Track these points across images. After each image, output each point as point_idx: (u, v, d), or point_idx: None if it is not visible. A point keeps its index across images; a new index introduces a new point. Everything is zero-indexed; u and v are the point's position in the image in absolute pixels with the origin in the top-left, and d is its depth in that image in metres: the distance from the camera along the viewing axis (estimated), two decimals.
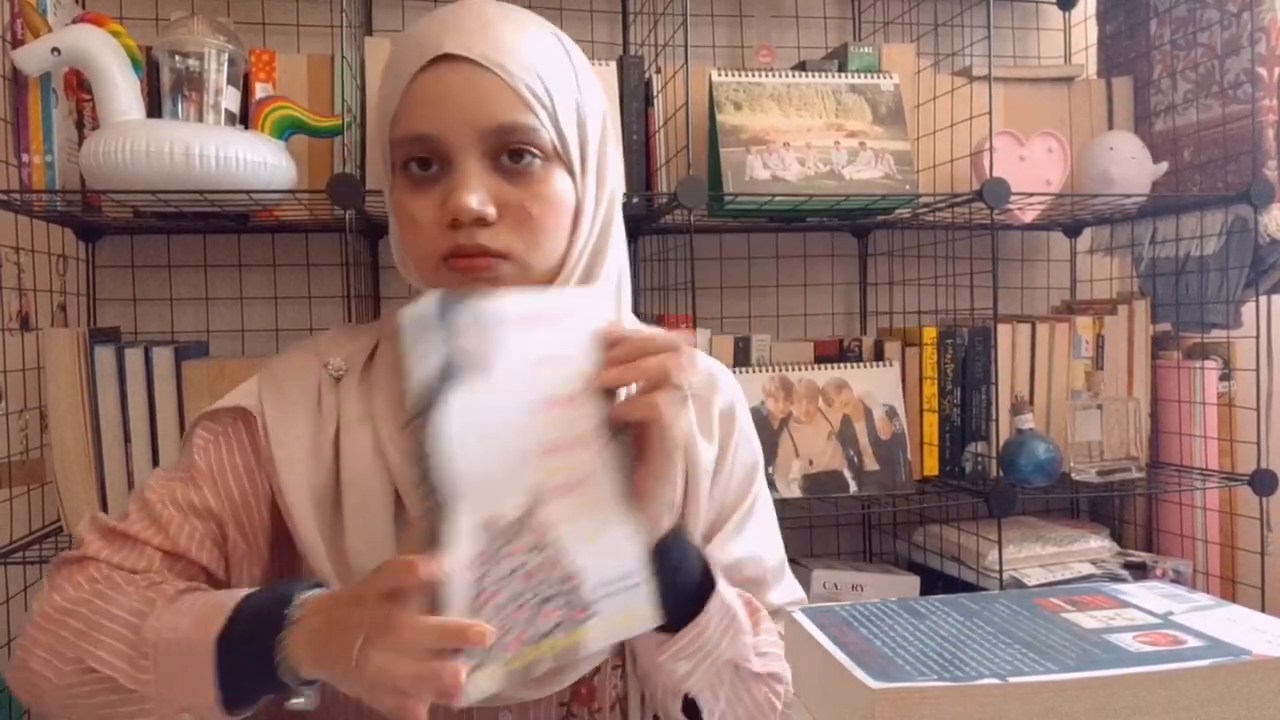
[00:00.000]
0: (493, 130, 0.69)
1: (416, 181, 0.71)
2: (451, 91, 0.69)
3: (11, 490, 1.43)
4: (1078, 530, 1.64)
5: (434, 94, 0.70)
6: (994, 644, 0.55)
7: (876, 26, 1.79)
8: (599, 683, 0.78)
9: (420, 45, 0.70)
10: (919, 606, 0.62)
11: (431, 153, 0.70)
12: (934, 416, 1.61)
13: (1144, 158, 1.59)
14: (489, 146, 0.70)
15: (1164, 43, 1.68)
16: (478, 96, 0.69)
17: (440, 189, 0.71)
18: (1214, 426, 1.64)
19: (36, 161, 1.22)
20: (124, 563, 0.74)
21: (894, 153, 1.47)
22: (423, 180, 0.71)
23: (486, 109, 0.69)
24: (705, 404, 0.84)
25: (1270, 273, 1.56)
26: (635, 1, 1.68)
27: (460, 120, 0.69)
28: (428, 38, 0.70)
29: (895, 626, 0.59)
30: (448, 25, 0.71)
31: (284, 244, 1.60)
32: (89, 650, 0.66)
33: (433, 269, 0.72)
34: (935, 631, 0.58)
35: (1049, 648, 0.54)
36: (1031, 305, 1.90)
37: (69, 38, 1.17)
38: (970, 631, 0.57)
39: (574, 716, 0.78)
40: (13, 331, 1.42)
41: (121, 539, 0.75)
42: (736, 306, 1.78)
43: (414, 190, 0.71)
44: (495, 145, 0.70)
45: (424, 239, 0.71)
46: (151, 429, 1.31)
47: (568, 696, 0.77)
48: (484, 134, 0.69)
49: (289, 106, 1.29)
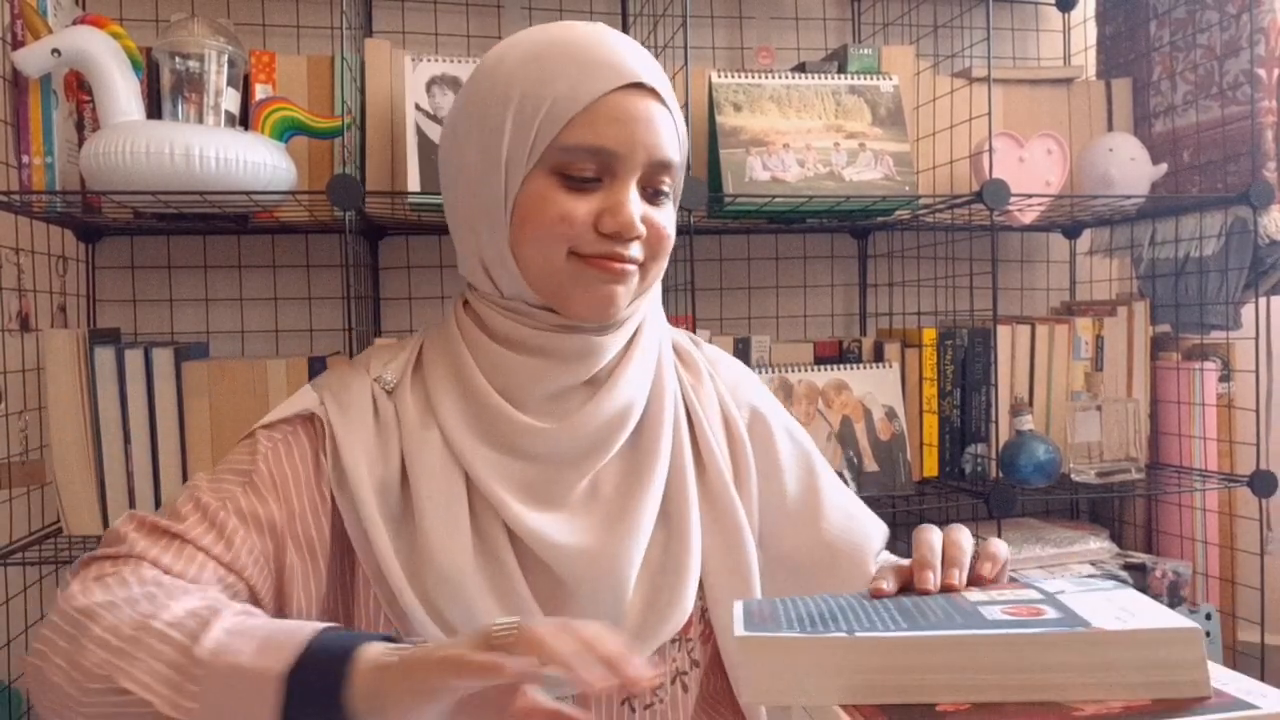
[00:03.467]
0: (659, 162, 0.76)
1: (574, 184, 0.75)
2: (641, 118, 0.75)
3: (11, 491, 1.43)
4: (1077, 531, 1.64)
5: (625, 116, 0.74)
6: (874, 612, 0.60)
7: (876, 28, 1.79)
8: (659, 659, 0.79)
9: (612, 66, 0.74)
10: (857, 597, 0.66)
11: (601, 166, 0.75)
12: (934, 418, 1.61)
13: (1143, 159, 1.59)
14: (647, 174, 0.76)
15: (1163, 44, 1.68)
16: (658, 129, 0.76)
17: (598, 197, 0.75)
18: (1213, 428, 1.65)
19: (36, 163, 1.22)
20: (173, 567, 0.69)
21: (894, 154, 1.47)
22: (581, 185, 0.75)
23: (661, 142, 0.76)
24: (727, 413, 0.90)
25: (1269, 274, 1.56)
26: (635, 3, 1.68)
27: (641, 146, 0.75)
28: (619, 61, 0.75)
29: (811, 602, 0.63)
30: (632, 53, 0.76)
31: (284, 245, 1.60)
32: (122, 668, 0.59)
33: (558, 263, 0.75)
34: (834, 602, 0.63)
35: (920, 615, 0.59)
36: (1031, 306, 1.90)
37: (69, 39, 1.17)
38: (866, 604, 0.63)
39: (635, 697, 0.79)
40: (13, 332, 1.42)
41: (177, 541, 0.71)
42: (736, 308, 1.78)
43: (568, 191, 0.75)
44: (650, 175, 0.77)
45: (569, 235, 0.74)
46: (151, 430, 1.31)
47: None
48: (651, 163, 0.76)
49: (289, 108, 1.29)
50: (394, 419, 0.79)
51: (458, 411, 0.78)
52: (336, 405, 0.78)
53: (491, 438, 0.77)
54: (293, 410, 0.79)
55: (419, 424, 0.78)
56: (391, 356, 0.84)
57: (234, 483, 0.75)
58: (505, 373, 0.78)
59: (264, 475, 0.75)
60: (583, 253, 0.75)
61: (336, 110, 1.35)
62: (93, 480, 1.30)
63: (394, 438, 0.78)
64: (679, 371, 0.88)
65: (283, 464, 0.76)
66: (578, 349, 0.78)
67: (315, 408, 0.78)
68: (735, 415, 0.88)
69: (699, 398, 0.87)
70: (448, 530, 0.75)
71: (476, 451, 0.76)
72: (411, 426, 0.78)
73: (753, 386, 0.93)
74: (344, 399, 0.79)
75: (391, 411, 0.79)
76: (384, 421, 0.79)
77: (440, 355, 0.81)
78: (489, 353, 0.78)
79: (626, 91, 0.74)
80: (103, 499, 1.31)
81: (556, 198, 0.74)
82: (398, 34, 1.62)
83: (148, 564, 0.68)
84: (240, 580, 0.72)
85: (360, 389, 0.80)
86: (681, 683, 0.80)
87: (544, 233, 0.75)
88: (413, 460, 0.77)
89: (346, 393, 0.80)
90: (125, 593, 0.64)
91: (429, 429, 0.78)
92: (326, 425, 0.77)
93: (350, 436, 0.77)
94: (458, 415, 0.78)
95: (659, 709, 0.79)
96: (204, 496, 0.74)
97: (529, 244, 0.76)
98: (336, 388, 0.80)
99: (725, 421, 0.87)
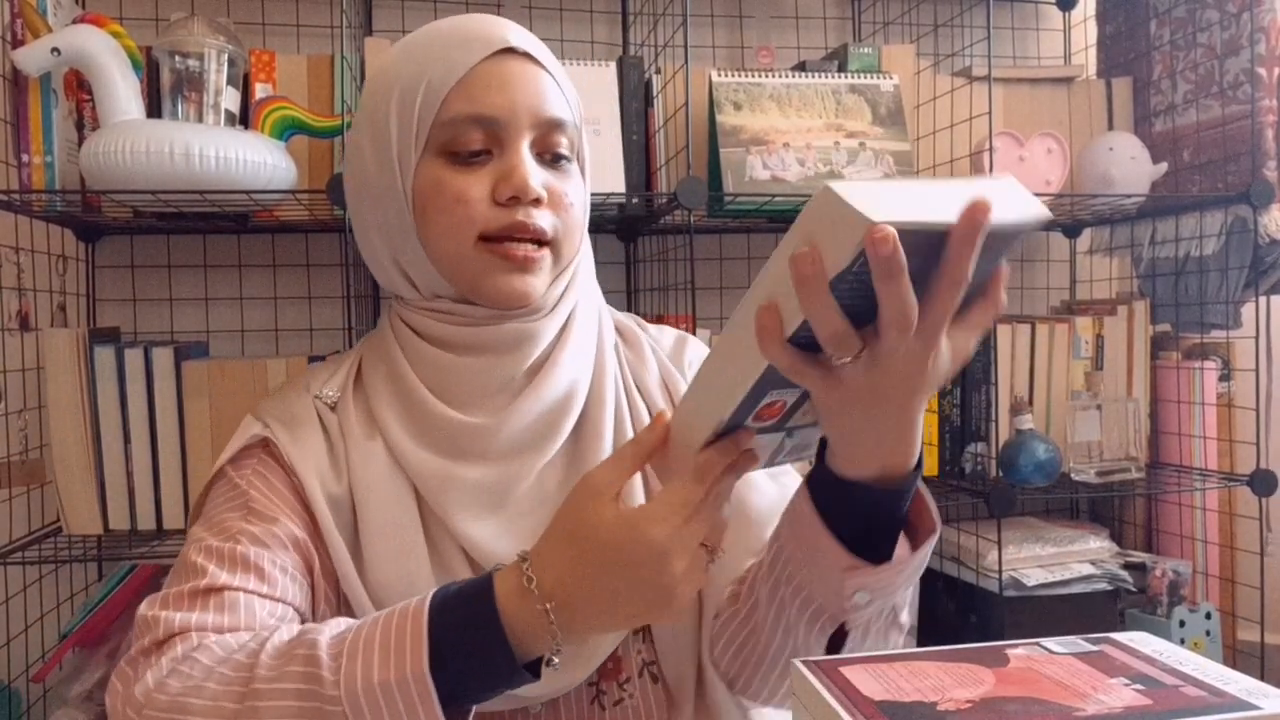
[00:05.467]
0: (548, 121, 0.75)
1: (463, 161, 0.74)
2: (516, 80, 0.74)
3: (11, 490, 1.43)
4: (1077, 531, 1.64)
5: (499, 81, 0.74)
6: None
7: (876, 27, 1.79)
8: (623, 653, 0.77)
9: (481, 36, 0.74)
10: None
11: (487, 136, 0.74)
12: (934, 417, 1.61)
13: (1143, 158, 1.59)
14: (539, 137, 0.75)
15: (1164, 43, 1.68)
16: (538, 89, 0.75)
17: (491, 170, 0.74)
18: (1213, 427, 1.65)
19: (36, 162, 1.22)
20: (222, 624, 0.65)
21: (894, 153, 1.47)
22: (470, 161, 0.74)
23: (545, 101, 0.75)
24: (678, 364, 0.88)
25: (1269, 273, 1.56)
26: (635, 2, 1.68)
27: (523, 107, 0.74)
28: (489, 31, 0.75)
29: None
30: (501, 24, 0.76)
31: (284, 244, 1.60)
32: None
33: (467, 251, 0.74)
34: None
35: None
36: (1031, 306, 1.90)
37: (69, 38, 1.17)
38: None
39: (604, 694, 0.78)
40: (12, 331, 1.42)
41: (212, 596, 0.67)
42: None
43: (458, 170, 0.74)
44: (543, 138, 0.75)
45: (470, 216, 0.73)
46: (151, 429, 1.31)
47: (595, 676, 0.77)
48: (539, 123, 0.75)
49: (289, 107, 1.29)
50: (339, 432, 0.77)
51: (400, 420, 0.77)
52: (282, 427, 0.77)
53: (435, 442, 0.76)
54: (242, 442, 0.77)
55: (363, 436, 0.77)
56: (330, 373, 0.82)
57: (234, 517, 0.73)
58: (443, 374, 0.77)
59: (259, 500, 0.73)
60: (490, 232, 0.73)
61: (336, 109, 1.35)
62: (93, 480, 1.30)
63: (341, 452, 0.77)
64: (621, 352, 0.86)
65: (269, 484, 0.75)
66: (511, 338, 0.76)
67: (263, 433, 0.77)
68: (675, 375, 0.86)
69: (644, 374, 0.85)
70: (401, 549, 0.73)
71: (421, 460, 0.75)
72: (356, 440, 0.77)
73: (694, 345, 0.91)
74: (289, 420, 0.78)
75: (337, 427, 0.78)
76: (332, 438, 0.77)
77: (378, 365, 0.80)
78: (425, 356, 0.77)
79: (499, 58, 0.74)
80: (102, 499, 1.31)
81: (449, 178, 0.74)
82: (398, 33, 1.62)
83: (194, 633, 0.64)
84: (287, 606, 0.70)
85: (304, 408, 0.79)
86: (649, 673, 0.78)
87: (445, 218, 0.74)
88: (358, 476, 0.75)
89: (290, 414, 0.78)
90: (199, 668, 0.61)
91: (373, 440, 0.76)
92: (280, 446, 0.76)
93: (302, 456, 0.75)
94: (400, 424, 0.76)
95: (629, 704, 0.78)
96: (212, 542, 0.70)
97: (436, 235, 0.75)
98: (278, 411, 0.79)
99: (665, 386, 0.85)
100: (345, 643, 0.60)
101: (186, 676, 0.60)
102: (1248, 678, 0.53)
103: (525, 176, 0.73)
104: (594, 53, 1.70)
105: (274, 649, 0.61)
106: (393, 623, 0.60)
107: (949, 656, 0.58)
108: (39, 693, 1.44)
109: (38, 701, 1.44)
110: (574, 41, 1.70)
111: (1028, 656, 0.57)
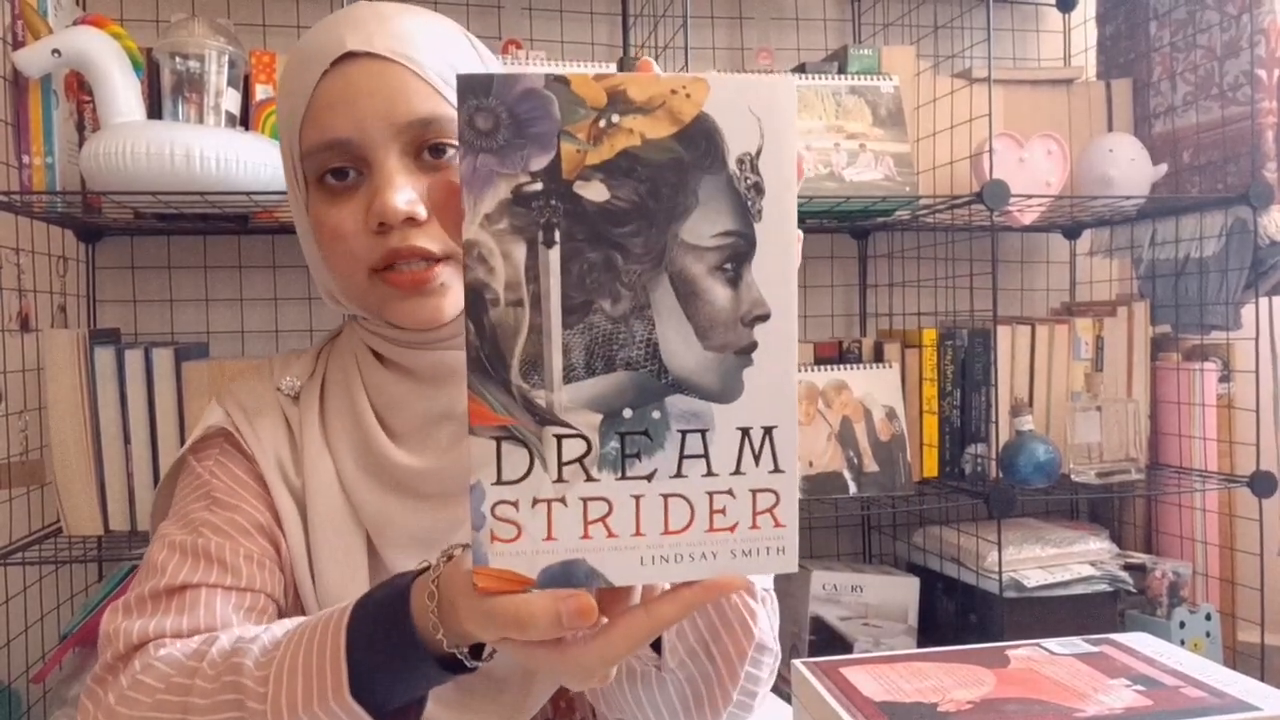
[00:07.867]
0: (410, 125, 0.66)
1: (335, 192, 0.68)
2: (361, 90, 0.65)
3: (11, 491, 1.43)
4: (1077, 532, 1.64)
5: (342, 95, 0.66)
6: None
7: (876, 29, 1.79)
8: (575, 694, 0.75)
9: (320, 48, 0.67)
10: None
11: (348, 159, 0.67)
12: (934, 418, 1.61)
13: (1143, 159, 1.59)
14: (408, 142, 0.67)
15: (1163, 45, 1.68)
16: (390, 92, 0.66)
17: (362, 195, 0.67)
18: (1213, 428, 1.65)
19: (37, 163, 1.22)
20: (183, 627, 0.63)
21: (894, 155, 1.47)
22: (342, 190, 0.68)
23: (401, 104, 0.66)
24: None
25: (1269, 274, 1.56)
26: (636, 3, 1.68)
27: (374, 118, 0.65)
28: (326, 39, 0.67)
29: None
30: (345, 24, 0.67)
31: (284, 245, 1.60)
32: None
33: (363, 285, 0.69)
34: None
35: None
36: (1031, 307, 1.90)
37: (69, 39, 1.17)
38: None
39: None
40: (13, 332, 1.42)
41: (175, 598, 0.65)
42: None
43: (333, 201, 0.68)
44: (415, 141, 0.67)
45: (351, 251, 0.67)
46: (151, 430, 1.31)
47: (550, 713, 0.75)
48: (401, 130, 0.66)
49: None
50: (298, 425, 0.75)
51: (348, 441, 0.73)
52: (243, 416, 0.75)
53: (376, 474, 0.72)
54: (204, 428, 0.75)
55: (316, 449, 0.74)
56: (294, 360, 0.80)
57: (198, 507, 0.71)
58: (382, 393, 0.74)
59: (221, 487, 0.72)
60: (375, 264, 0.68)
61: None
62: (93, 480, 1.30)
63: (301, 448, 0.75)
64: None
65: (230, 473, 0.73)
66: (430, 367, 0.72)
67: (223, 422, 0.74)
68: None
69: None
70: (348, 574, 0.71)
71: (362, 492, 0.72)
72: (312, 439, 0.74)
73: None
74: (251, 409, 0.75)
75: (298, 419, 0.75)
76: (294, 430, 0.75)
77: (338, 364, 0.77)
78: (373, 370, 0.75)
79: (340, 68, 0.66)
80: (102, 499, 1.31)
81: (325, 213, 0.68)
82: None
83: (152, 645, 0.62)
84: (256, 594, 0.68)
85: (265, 397, 0.76)
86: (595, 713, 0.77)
87: (331, 254, 0.69)
88: (309, 482, 0.73)
89: (254, 402, 0.76)
90: (145, 689, 0.60)
91: (323, 457, 0.73)
92: (240, 438, 0.74)
93: (263, 446, 0.74)
94: (348, 447, 0.73)
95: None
96: (175, 536, 0.69)
97: (333, 269, 0.71)
98: (243, 396, 0.77)
99: None
100: (272, 665, 0.57)
101: (134, 702, 0.59)
102: (1247, 679, 0.53)
103: (387, 202, 0.65)
104: (594, 54, 1.70)
105: (210, 666, 0.59)
106: (314, 643, 0.56)
107: (949, 657, 0.58)
108: (39, 693, 1.44)
109: (38, 702, 1.44)
110: (575, 43, 1.70)
111: (1028, 657, 0.57)
